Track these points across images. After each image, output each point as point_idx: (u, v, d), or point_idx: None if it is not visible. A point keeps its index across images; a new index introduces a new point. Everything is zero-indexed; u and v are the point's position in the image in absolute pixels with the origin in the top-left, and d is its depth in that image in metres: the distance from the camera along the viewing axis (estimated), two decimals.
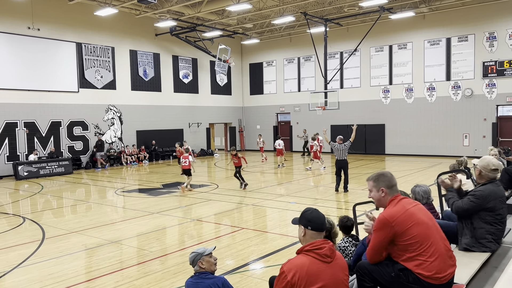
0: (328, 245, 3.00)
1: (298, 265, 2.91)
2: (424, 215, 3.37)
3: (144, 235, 8.83)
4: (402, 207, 3.34)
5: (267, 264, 6.82)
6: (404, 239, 3.24)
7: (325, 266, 2.94)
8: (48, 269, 6.82)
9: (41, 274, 6.59)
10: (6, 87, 19.35)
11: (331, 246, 3.02)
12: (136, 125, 25.00)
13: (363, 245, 4.27)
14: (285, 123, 30.74)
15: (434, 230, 3.33)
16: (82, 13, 21.78)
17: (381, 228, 3.29)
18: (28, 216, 11.05)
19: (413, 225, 3.24)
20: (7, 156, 19.45)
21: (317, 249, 2.95)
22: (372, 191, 3.54)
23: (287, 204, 11.69)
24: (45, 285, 6.07)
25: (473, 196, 4.21)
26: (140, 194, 14.18)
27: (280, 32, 28.74)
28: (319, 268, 2.92)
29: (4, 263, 7.19)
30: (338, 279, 3.00)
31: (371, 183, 3.53)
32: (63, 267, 6.93)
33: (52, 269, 6.83)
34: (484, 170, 4.31)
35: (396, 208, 3.34)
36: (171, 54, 27.02)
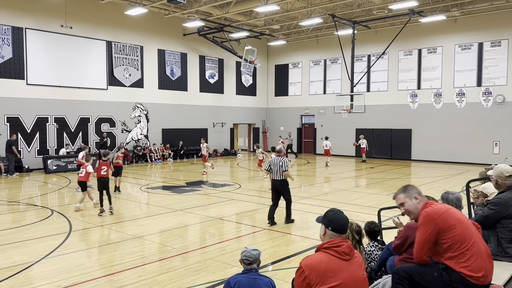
0: (347, 243, 3.03)
1: (316, 261, 2.95)
2: (463, 216, 3.40)
3: (167, 232, 8.94)
4: (444, 206, 3.40)
5: (289, 265, 6.79)
6: (447, 237, 3.25)
7: (344, 264, 2.96)
8: (75, 261, 6.98)
9: (68, 265, 6.75)
10: (39, 83, 19.97)
11: (349, 244, 3.05)
12: (162, 124, 25.36)
13: (388, 250, 4.21)
14: (309, 125, 30.57)
15: (474, 231, 3.35)
16: (113, 12, 22.26)
17: (426, 224, 3.30)
18: (56, 208, 11.35)
19: (456, 224, 3.26)
20: (38, 150, 20.06)
21: (336, 247, 2.98)
22: (405, 203, 3.53)
23: (309, 206, 11.61)
24: (72, 276, 6.22)
25: (492, 204, 4.27)
26: (164, 191, 14.36)
27: (307, 33, 28.62)
28: (338, 265, 2.94)
29: (32, 254, 7.41)
30: (357, 276, 3.00)
31: (402, 196, 3.55)
32: (88, 259, 7.09)
33: (78, 261, 7.00)
34: (499, 179, 4.34)
35: (439, 206, 3.38)
36: (198, 54, 27.29)
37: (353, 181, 17.52)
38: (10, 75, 19.05)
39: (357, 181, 17.62)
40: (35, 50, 19.80)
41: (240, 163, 24.29)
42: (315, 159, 26.85)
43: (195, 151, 26.79)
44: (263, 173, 12.82)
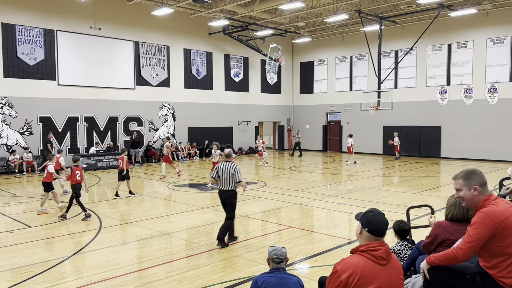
0: (384, 247, 2.94)
1: (352, 265, 2.87)
2: None
3: (194, 229, 9.04)
4: (505, 209, 3.15)
5: (315, 264, 6.76)
6: (500, 244, 3.08)
7: (380, 268, 2.88)
8: (105, 257, 7.16)
9: (99, 261, 6.94)
10: (69, 84, 20.55)
11: (387, 248, 2.95)
12: (188, 122, 25.65)
13: (418, 249, 4.13)
14: (335, 123, 30.28)
15: None
16: (140, 13, 22.65)
17: (483, 226, 3.10)
18: (86, 206, 11.65)
19: None
20: (69, 149, 20.65)
21: (373, 251, 2.90)
22: (461, 190, 3.34)
23: (335, 205, 11.52)
24: (102, 272, 6.39)
25: None
26: (190, 189, 14.53)
27: (333, 30, 28.33)
28: (374, 270, 2.86)
29: (65, 249, 7.64)
30: (393, 282, 2.93)
31: (461, 182, 3.35)
32: (118, 255, 7.25)
33: (108, 256, 7.17)
34: None
35: (500, 209, 3.14)
36: (223, 53, 27.44)
37: (381, 179, 17.25)
38: (42, 76, 19.68)
39: (385, 179, 17.35)
40: (65, 52, 20.38)
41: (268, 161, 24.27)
42: (341, 157, 26.58)
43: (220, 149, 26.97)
44: (209, 180, 9.06)
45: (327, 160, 25.14)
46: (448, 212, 3.94)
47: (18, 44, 18.89)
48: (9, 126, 18.90)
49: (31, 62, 19.32)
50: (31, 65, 19.33)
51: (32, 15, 19.27)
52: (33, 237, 8.47)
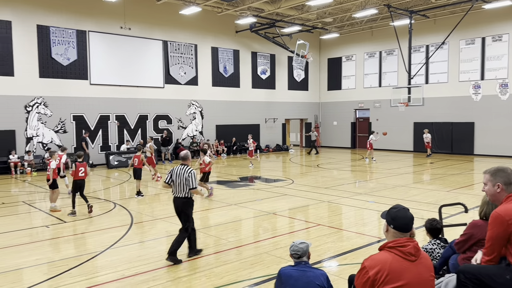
0: (413, 244, 2.91)
1: (380, 261, 2.85)
2: None
3: (222, 225, 9.13)
4: None
5: (344, 262, 6.70)
6: None
7: (409, 265, 2.85)
8: (136, 252, 7.34)
9: (130, 255, 7.11)
10: (101, 83, 21.10)
11: (415, 244, 2.92)
12: (216, 120, 25.86)
13: (451, 248, 4.03)
14: (363, 120, 29.85)
15: None
16: (168, 12, 22.97)
17: (495, 225, 3.17)
18: (118, 202, 11.96)
19: None
20: (101, 146, 21.22)
21: (401, 247, 2.87)
22: (487, 185, 3.43)
23: (365, 203, 11.37)
24: (133, 266, 6.54)
25: None
26: (218, 186, 14.66)
27: (361, 25, 27.90)
28: (403, 266, 2.84)
29: (98, 244, 7.87)
30: (423, 278, 2.88)
31: (488, 177, 3.43)
32: (149, 250, 7.41)
33: (139, 252, 7.34)
34: None
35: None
36: (250, 50, 27.49)
37: (411, 176, 16.90)
38: (75, 75, 20.28)
39: (415, 176, 16.98)
40: (97, 52, 20.92)
41: (292, 159, 24.23)
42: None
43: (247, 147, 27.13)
44: (162, 185, 8.19)
45: (356, 157, 24.82)
46: (481, 210, 3.87)
47: (52, 45, 19.52)
48: (44, 125, 19.59)
49: (65, 63, 19.94)
50: (65, 65, 19.95)
51: (65, 16, 19.86)
52: (68, 232, 8.76)
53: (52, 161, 10.91)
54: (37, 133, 19.40)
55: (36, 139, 19.39)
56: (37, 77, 19.22)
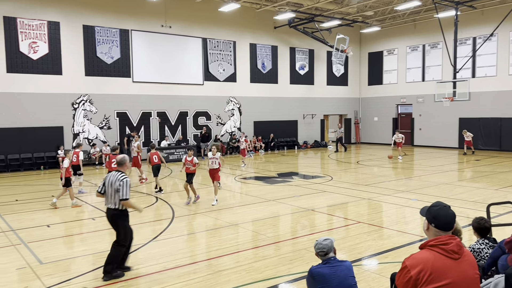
0: (455, 241, 2.80)
1: (422, 260, 2.77)
2: None
3: (260, 221, 9.16)
4: None
5: (385, 260, 6.56)
6: None
7: (452, 263, 2.75)
8: (178, 245, 7.51)
9: (172, 248, 7.29)
10: (143, 80, 21.68)
11: (458, 241, 2.82)
12: (254, 116, 25.96)
13: (500, 249, 3.85)
14: (406, 115, 29.00)
15: None
16: (208, 10, 23.25)
17: None
18: (159, 196, 12.27)
19: None
20: (143, 142, 21.82)
21: (443, 245, 2.77)
22: None
23: (407, 200, 11.06)
24: (175, 259, 6.70)
25: None
26: (256, 182, 14.73)
27: (404, 18, 27.07)
28: (446, 265, 2.74)
29: (141, 237, 8.11)
30: (467, 276, 2.77)
31: None
32: (189, 244, 7.57)
33: (180, 245, 7.51)
34: None
35: None
36: (289, 46, 27.35)
37: (456, 174, 16.28)
38: (118, 73, 20.95)
39: (461, 174, 16.34)
40: (139, 50, 21.51)
41: (331, 155, 23.94)
42: (412, 151, 25.43)
43: (285, 143, 27.14)
44: (97, 196, 6.41)
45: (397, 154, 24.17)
46: None
47: (97, 44, 20.25)
48: (90, 121, 20.39)
49: (109, 61, 20.64)
50: (109, 64, 20.65)
51: (109, 16, 20.54)
52: None
53: (66, 159, 10.96)
54: (83, 129, 20.23)
55: (82, 135, 20.22)
56: (83, 76, 20.01)
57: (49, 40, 19.00)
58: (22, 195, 12.62)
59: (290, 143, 27.49)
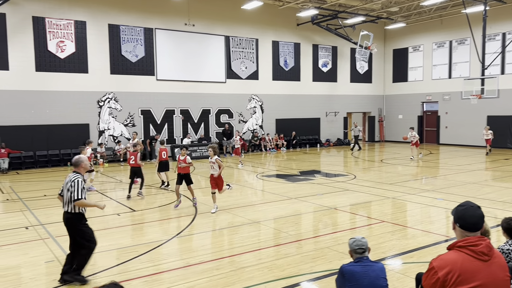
0: (485, 242, 2.73)
1: (450, 261, 2.70)
2: None
3: (282, 219, 9.15)
4: None
5: (410, 260, 6.45)
6: None
7: (482, 265, 2.68)
8: (200, 241, 7.58)
9: (195, 245, 7.36)
10: (166, 78, 21.94)
11: (488, 243, 2.74)
12: (276, 114, 25.91)
13: None
14: (431, 113, 28.41)
15: None
16: (230, 8, 23.31)
17: None
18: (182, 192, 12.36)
19: None
20: (166, 139, 22.10)
21: (472, 246, 2.70)
22: None
23: (432, 200, 10.84)
24: (198, 255, 6.76)
25: None
26: (278, 179, 14.71)
27: (430, 14, 26.48)
28: (475, 266, 2.67)
29: (164, 233, 8.24)
30: (497, 279, 2.69)
31: None
32: (212, 240, 7.62)
33: (203, 241, 7.58)
34: None
35: None
36: (311, 43, 27.16)
37: (484, 173, 15.85)
38: (143, 72, 21.25)
39: (489, 173, 15.90)
40: (163, 48, 21.76)
41: (355, 153, 23.68)
42: (438, 149, 24.91)
43: (307, 141, 26.99)
44: (58, 198, 6.22)
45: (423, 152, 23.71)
46: None
47: (122, 43, 20.59)
48: (115, 119, 20.77)
49: (133, 59, 20.96)
50: (133, 62, 20.97)
51: (134, 15, 20.84)
52: (137, 220, 9.25)
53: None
54: (108, 126, 20.62)
55: (108, 132, 20.62)
56: (108, 74, 20.39)
57: (76, 39, 19.43)
58: (50, 190, 12.97)
59: (312, 141, 27.33)
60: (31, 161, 18.63)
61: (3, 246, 7.45)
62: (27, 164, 18.49)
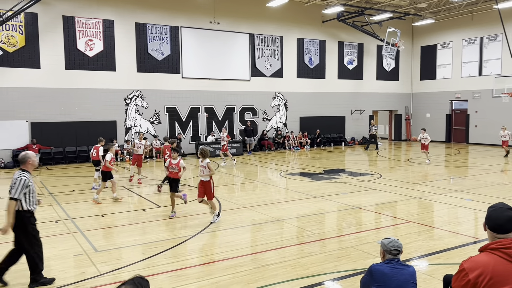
0: None
1: (481, 264, 2.63)
2: None
3: (306, 217, 9.10)
4: None
5: (437, 261, 6.31)
6: None
7: None
8: (224, 238, 7.63)
9: (219, 241, 7.42)
10: (191, 76, 22.15)
11: None
12: (300, 112, 25.78)
13: None
14: (460, 112, 27.68)
15: None
16: (255, 6, 23.31)
17: None
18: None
19: None
20: (191, 137, 22.34)
21: (505, 248, 2.62)
22: None
23: (461, 200, 10.57)
24: (222, 251, 6.82)
25: None
26: (302, 178, 14.64)
27: (460, 10, 25.77)
28: (508, 270, 2.59)
29: (190, 229, 8.32)
30: None
31: None
32: (236, 237, 7.66)
33: (227, 238, 7.62)
34: None
35: None
36: (337, 40, 26.87)
37: None
38: (168, 70, 21.52)
39: None
40: (188, 46, 21.97)
41: (380, 152, 23.32)
42: (467, 148, 24.25)
43: (332, 139, 26.75)
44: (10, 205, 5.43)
45: (451, 151, 23.16)
46: None
47: (148, 41, 20.90)
48: (141, 116, 21.12)
49: (159, 57, 21.25)
50: (159, 60, 21.26)
51: (160, 14, 21.12)
52: (163, 216, 9.38)
53: (109, 153, 10.99)
54: (134, 123, 20.99)
55: (134, 129, 20.99)
56: (135, 72, 20.74)
57: (104, 37, 19.85)
58: (79, 185, 13.32)
59: (337, 139, 27.08)
60: (60, 157, 19.17)
61: None
62: (57, 159, 19.03)
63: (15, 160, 17.96)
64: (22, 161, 5.66)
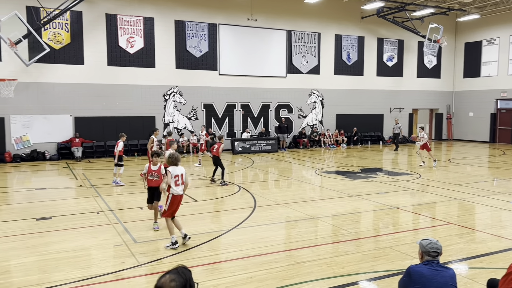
0: None
1: None
2: None
3: (342, 216, 9.00)
4: None
5: (479, 265, 6.09)
6: None
7: None
8: (259, 233, 7.67)
9: (254, 236, 7.46)
10: (228, 73, 22.33)
11: None
12: (336, 109, 25.46)
13: None
14: (506, 111, 26.46)
15: None
16: (293, 2, 23.17)
17: None
18: (242, 185, 12.60)
19: None
20: (227, 133, 22.54)
21: None
22: None
23: (505, 203, 10.13)
24: (257, 247, 6.85)
25: None
26: (338, 176, 14.47)
27: (508, 4, 24.59)
28: None
29: (225, 223, 8.43)
30: None
31: None
32: (271, 233, 7.68)
33: (262, 233, 7.66)
34: None
35: None
36: (376, 36, 26.30)
37: None
38: (206, 66, 21.79)
39: None
40: (225, 43, 22.15)
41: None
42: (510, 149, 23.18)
43: (369, 137, 26.26)
44: None
45: (495, 152, 22.22)
46: None
47: (187, 39, 21.24)
48: (179, 112, 21.52)
49: (197, 54, 21.55)
50: (197, 57, 21.56)
51: (199, 11, 21.40)
52: (199, 210, 9.54)
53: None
54: (172, 119, 21.41)
55: (172, 124, 21.42)
56: (174, 68, 21.13)
57: (144, 35, 20.34)
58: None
59: (374, 138, 26.56)
60: (102, 150, 19.84)
61: (77, 229, 8.02)
62: (98, 153, 19.72)
63: (59, 152, 18.78)
64: None
